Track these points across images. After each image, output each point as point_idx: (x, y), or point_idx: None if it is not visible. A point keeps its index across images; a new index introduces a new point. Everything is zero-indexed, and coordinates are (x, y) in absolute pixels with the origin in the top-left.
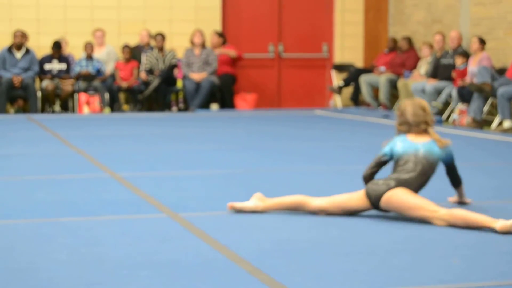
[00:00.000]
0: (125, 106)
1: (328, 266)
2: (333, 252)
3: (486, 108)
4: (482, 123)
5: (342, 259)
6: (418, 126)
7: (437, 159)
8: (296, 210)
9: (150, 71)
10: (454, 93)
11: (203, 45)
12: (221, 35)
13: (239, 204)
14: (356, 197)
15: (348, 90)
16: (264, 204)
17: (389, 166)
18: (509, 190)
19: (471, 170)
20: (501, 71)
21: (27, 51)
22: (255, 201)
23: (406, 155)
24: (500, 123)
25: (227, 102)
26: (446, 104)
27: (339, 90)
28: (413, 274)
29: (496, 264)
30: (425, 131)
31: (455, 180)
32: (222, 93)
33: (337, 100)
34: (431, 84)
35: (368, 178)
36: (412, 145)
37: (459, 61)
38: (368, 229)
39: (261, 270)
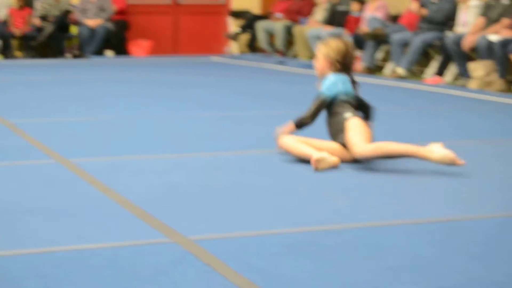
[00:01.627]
0: (18, 53)
1: (218, 209)
2: (223, 195)
3: (380, 54)
4: (375, 69)
5: (231, 202)
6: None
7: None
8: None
9: (44, 18)
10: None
11: None
12: None
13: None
14: None
15: (245, 37)
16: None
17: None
18: (399, 134)
19: None
20: (396, 18)
21: None
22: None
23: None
24: (394, 69)
25: (120, 49)
26: None
27: (236, 36)
28: (301, 214)
29: (380, 205)
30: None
31: None
32: (116, 39)
33: (233, 47)
34: (327, 30)
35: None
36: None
37: (355, 7)
38: (261, 171)
39: (151, 214)
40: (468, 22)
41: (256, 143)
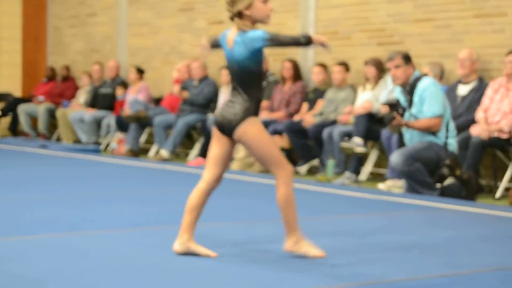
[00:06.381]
0: None
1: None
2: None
3: (144, 137)
4: (139, 152)
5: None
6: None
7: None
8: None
9: None
10: (113, 122)
11: None
12: None
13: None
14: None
15: (6, 120)
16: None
17: None
18: (162, 216)
19: (126, 199)
20: (159, 101)
21: None
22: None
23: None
24: (157, 152)
25: None
26: (105, 133)
27: None
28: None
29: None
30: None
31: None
32: None
33: None
34: (90, 113)
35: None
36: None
37: (119, 91)
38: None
39: None
40: None
41: (22, 227)
